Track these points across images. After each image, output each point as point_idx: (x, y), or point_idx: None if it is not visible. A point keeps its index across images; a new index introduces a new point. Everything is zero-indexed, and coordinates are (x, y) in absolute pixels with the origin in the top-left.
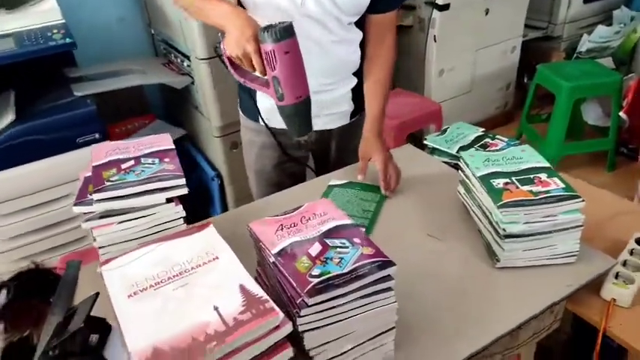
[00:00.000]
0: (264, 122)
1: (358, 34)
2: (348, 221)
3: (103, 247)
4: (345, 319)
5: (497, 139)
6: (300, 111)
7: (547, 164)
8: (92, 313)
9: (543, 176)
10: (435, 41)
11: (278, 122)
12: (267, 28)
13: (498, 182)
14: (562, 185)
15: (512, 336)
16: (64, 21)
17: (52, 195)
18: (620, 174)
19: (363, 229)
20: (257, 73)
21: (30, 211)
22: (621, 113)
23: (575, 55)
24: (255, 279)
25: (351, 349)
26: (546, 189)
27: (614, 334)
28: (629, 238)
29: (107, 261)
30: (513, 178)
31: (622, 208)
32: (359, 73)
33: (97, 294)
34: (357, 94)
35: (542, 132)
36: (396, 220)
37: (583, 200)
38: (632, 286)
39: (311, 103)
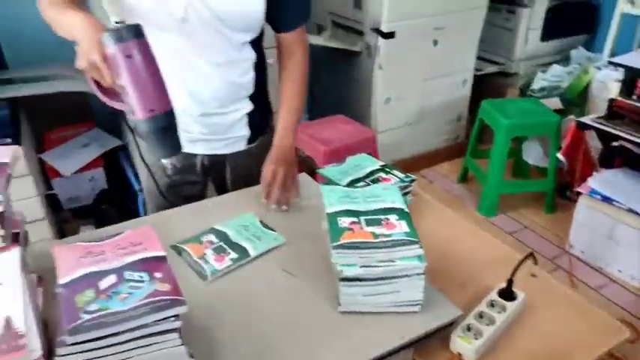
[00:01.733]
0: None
1: (251, 54)
2: (159, 253)
3: None
4: None
5: (393, 174)
6: (156, 127)
7: (403, 206)
8: None
9: (393, 218)
10: (381, 69)
11: None
12: (109, 29)
13: (344, 221)
14: (406, 229)
15: None
16: None
17: None
18: (557, 218)
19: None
20: (113, 87)
21: None
22: (559, 154)
23: (528, 91)
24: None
25: None
26: (389, 232)
27: None
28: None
29: None
30: (361, 218)
31: (505, 254)
32: (255, 98)
33: None
34: (254, 119)
35: (487, 168)
36: None
37: (421, 247)
38: (477, 341)
39: (173, 120)
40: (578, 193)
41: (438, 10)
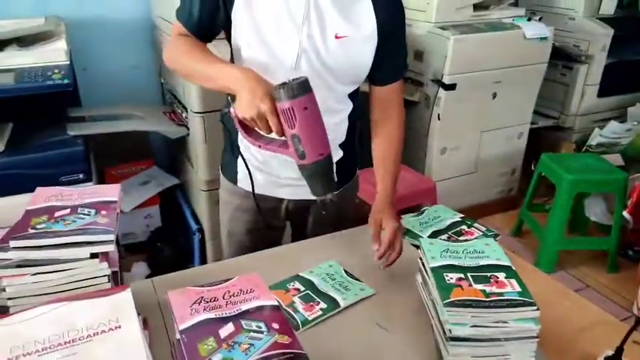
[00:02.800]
0: (252, 186)
1: (348, 105)
2: (272, 302)
3: (12, 298)
4: None
5: (475, 227)
6: (322, 169)
7: (508, 263)
8: None
9: (501, 276)
10: (439, 119)
11: (257, 187)
12: (282, 85)
13: (451, 277)
14: (518, 289)
15: None
16: (68, 62)
17: None
18: (621, 278)
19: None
20: (273, 135)
21: None
22: (625, 213)
23: (584, 147)
24: (171, 352)
25: None
26: (500, 290)
27: None
28: (600, 355)
29: (7, 315)
30: (468, 274)
31: (599, 318)
32: (345, 145)
33: None
34: (342, 166)
35: (544, 222)
36: None
37: (538, 309)
38: None
39: (333, 161)
40: None
41: (499, 64)
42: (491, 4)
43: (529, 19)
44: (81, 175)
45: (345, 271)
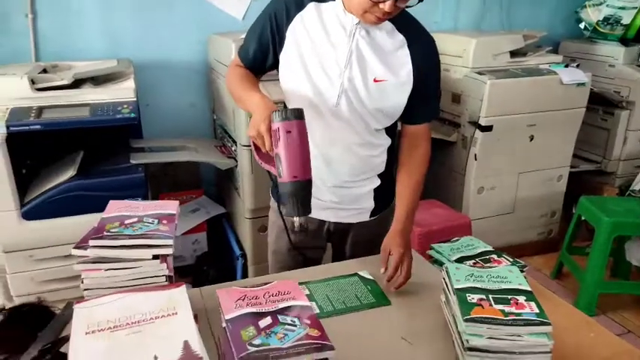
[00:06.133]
0: (278, 207)
1: (386, 140)
2: (305, 303)
3: (89, 289)
4: None
5: (504, 257)
6: (295, 191)
7: (529, 288)
8: None
9: (521, 299)
10: (476, 159)
11: None
12: (279, 109)
13: (473, 297)
14: (536, 310)
15: None
16: (135, 99)
17: None
18: None
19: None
20: (270, 153)
21: (68, 259)
22: None
23: (628, 192)
24: (216, 343)
25: None
26: (519, 311)
27: None
28: None
29: (83, 300)
30: (490, 296)
31: (624, 349)
32: (384, 175)
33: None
34: (380, 194)
35: (584, 265)
36: (374, 314)
37: (550, 324)
38: None
39: (310, 188)
40: None
41: (535, 107)
42: (528, 51)
43: (566, 66)
44: (139, 199)
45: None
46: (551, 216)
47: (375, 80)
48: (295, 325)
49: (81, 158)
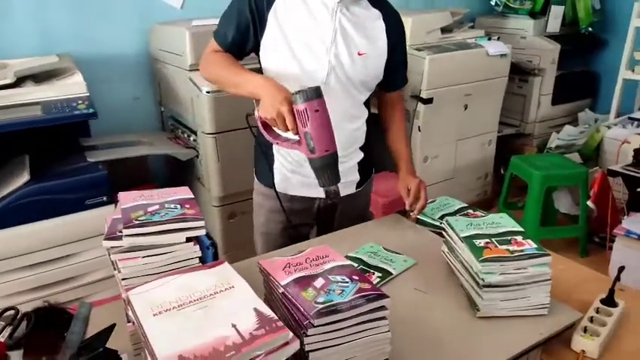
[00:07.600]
0: (275, 190)
1: (365, 112)
2: (346, 262)
3: (127, 278)
4: (346, 342)
5: (478, 211)
6: (328, 163)
7: (521, 229)
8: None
9: (519, 238)
10: (420, 131)
11: (292, 189)
12: (299, 91)
13: (480, 242)
14: (534, 245)
15: None
16: (88, 94)
17: (58, 253)
18: (592, 260)
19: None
20: (289, 134)
21: (35, 267)
22: (589, 202)
23: (545, 150)
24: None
25: None
26: (521, 248)
27: None
28: (595, 299)
29: (131, 288)
30: (493, 239)
31: (589, 276)
32: (364, 148)
33: (114, 325)
34: (363, 166)
35: (518, 219)
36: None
37: (549, 255)
38: (598, 338)
39: (338, 158)
40: (607, 238)
41: (468, 78)
42: (454, 28)
43: (489, 39)
44: (104, 198)
45: (385, 249)
46: (485, 178)
47: (359, 54)
48: (347, 282)
49: (28, 162)
